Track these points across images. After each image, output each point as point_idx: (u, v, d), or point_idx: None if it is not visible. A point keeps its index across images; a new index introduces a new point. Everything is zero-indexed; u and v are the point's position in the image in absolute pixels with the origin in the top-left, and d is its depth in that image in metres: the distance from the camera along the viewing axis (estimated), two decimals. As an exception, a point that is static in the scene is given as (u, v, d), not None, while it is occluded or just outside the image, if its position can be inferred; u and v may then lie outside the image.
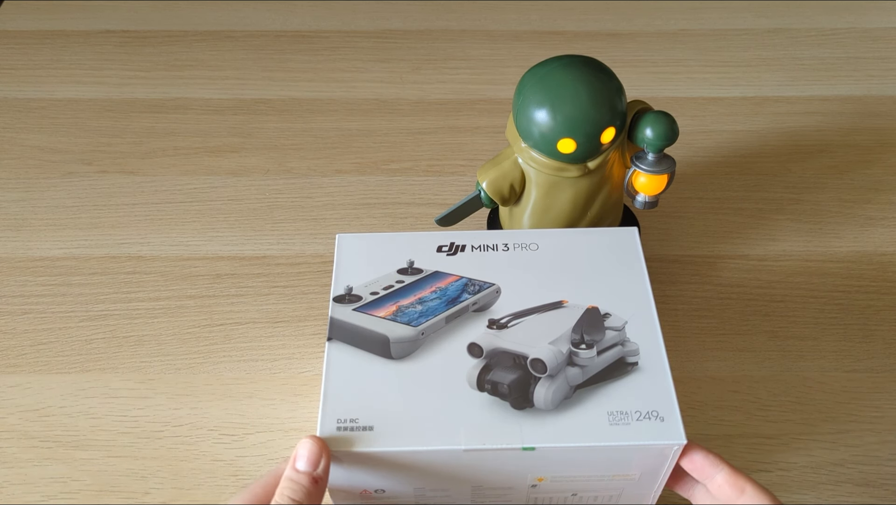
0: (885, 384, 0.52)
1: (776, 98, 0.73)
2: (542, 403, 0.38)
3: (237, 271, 0.59)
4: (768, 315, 0.56)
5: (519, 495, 0.41)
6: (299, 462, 0.36)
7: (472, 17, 0.82)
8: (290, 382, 0.53)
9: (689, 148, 0.68)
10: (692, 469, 0.39)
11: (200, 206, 0.64)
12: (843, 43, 0.78)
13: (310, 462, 0.36)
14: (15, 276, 0.59)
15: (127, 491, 0.48)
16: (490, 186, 0.50)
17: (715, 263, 0.59)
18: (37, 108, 0.72)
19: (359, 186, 0.65)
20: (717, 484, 0.38)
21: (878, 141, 0.68)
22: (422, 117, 0.71)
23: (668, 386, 0.39)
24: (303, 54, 0.77)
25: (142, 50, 0.78)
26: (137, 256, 0.60)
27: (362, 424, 0.38)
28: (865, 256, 0.60)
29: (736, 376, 0.53)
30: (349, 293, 0.43)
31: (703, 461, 0.38)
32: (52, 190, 0.65)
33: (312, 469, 0.36)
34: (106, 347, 0.55)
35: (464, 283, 0.44)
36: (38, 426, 0.51)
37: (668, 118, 0.47)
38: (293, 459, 0.36)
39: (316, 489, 0.36)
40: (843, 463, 0.49)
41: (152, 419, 0.51)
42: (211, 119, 0.71)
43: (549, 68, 0.47)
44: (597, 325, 0.41)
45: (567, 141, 0.46)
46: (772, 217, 0.63)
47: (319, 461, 0.36)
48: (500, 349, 0.40)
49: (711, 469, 0.38)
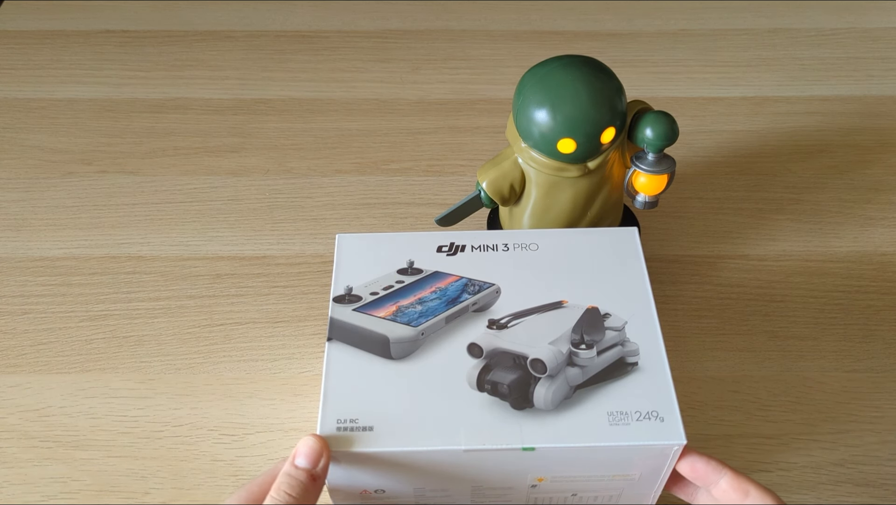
0: (885, 384, 0.52)
1: (776, 98, 0.73)
2: (541, 403, 0.38)
3: (237, 271, 0.59)
4: (768, 315, 0.56)
5: (519, 496, 0.41)
6: (299, 459, 0.36)
7: (472, 17, 0.82)
8: (290, 382, 0.53)
9: (689, 148, 0.68)
10: (694, 476, 0.38)
11: (200, 206, 0.64)
12: (843, 43, 0.78)
13: (309, 459, 0.36)
14: (15, 276, 0.59)
15: (127, 491, 0.48)
16: (490, 186, 0.50)
17: (715, 263, 0.59)
18: (37, 108, 0.72)
19: (359, 186, 0.65)
20: (721, 489, 0.38)
21: (878, 141, 0.68)
22: (422, 117, 0.71)
23: (668, 386, 0.39)
24: (303, 54, 0.77)
25: (142, 50, 0.78)
26: (137, 255, 0.60)
27: (362, 425, 0.38)
28: (865, 256, 0.60)
29: (736, 376, 0.53)
30: (349, 293, 0.43)
31: (705, 467, 0.38)
32: (52, 190, 0.65)
33: (312, 466, 0.36)
34: (106, 347, 0.55)
35: (464, 283, 0.44)
36: (38, 426, 0.51)
37: (668, 118, 0.47)
38: (293, 455, 0.36)
39: (313, 487, 0.36)
40: (843, 463, 0.49)
41: (152, 419, 0.51)
42: (211, 119, 0.71)
43: (549, 68, 0.47)
44: (597, 325, 0.41)
45: (567, 141, 0.46)
46: (772, 217, 0.63)
47: (320, 459, 0.36)
48: (500, 349, 0.40)
49: (714, 475, 0.38)
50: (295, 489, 0.36)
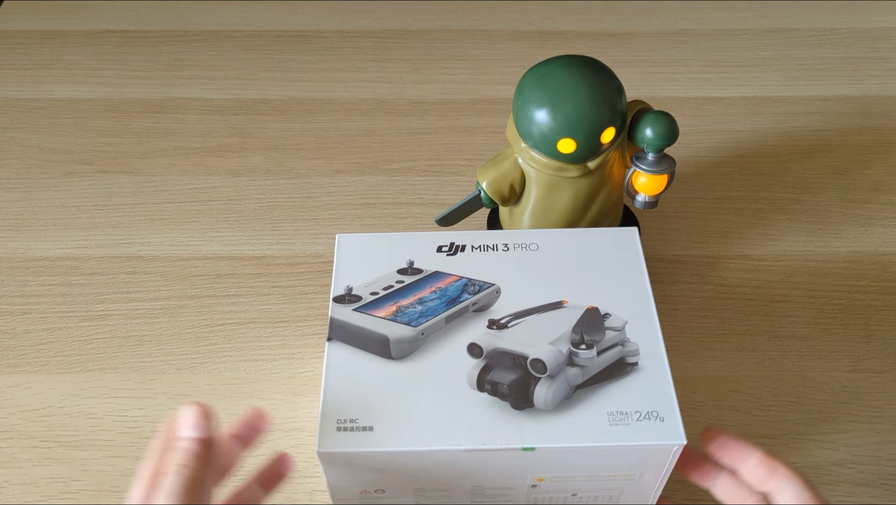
0: (885, 384, 0.52)
1: (776, 98, 0.73)
2: (541, 403, 0.38)
3: (237, 271, 0.59)
4: (768, 315, 0.56)
5: (519, 496, 0.41)
6: (185, 430, 0.35)
7: (472, 17, 0.82)
8: (290, 382, 0.53)
9: (689, 148, 0.68)
10: (725, 455, 0.39)
11: (200, 207, 0.64)
12: (843, 43, 0.78)
13: (196, 427, 0.35)
14: (15, 276, 0.59)
15: (127, 491, 0.48)
16: (490, 186, 0.50)
17: (715, 263, 0.59)
18: (37, 108, 0.72)
19: (359, 186, 0.65)
20: (750, 466, 0.38)
21: (878, 141, 0.68)
22: (422, 117, 0.71)
23: (668, 386, 0.39)
24: (303, 54, 0.77)
25: (142, 50, 0.78)
26: (137, 255, 0.60)
27: (362, 425, 0.38)
28: (865, 256, 0.60)
29: (736, 376, 0.53)
30: (349, 293, 0.43)
31: (736, 445, 0.39)
32: (52, 190, 0.65)
33: (200, 433, 0.35)
34: (106, 347, 0.55)
35: (464, 283, 0.44)
36: (38, 426, 0.51)
37: (668, 118, 0.47)
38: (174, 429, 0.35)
39: (206, 451, 0.35)
40: (843, 463, 0.49)
41: (152, 419, 0.51)
42: (211, 119, 0.71)
43: (549, 68, 0.47)
44: (597, 325, 0.41)
45: (567, 141, 0.46)
46: (772, 217, 0.63)
47: (204, 423, 0.35)
48: (500, 349, 0.40)
49: (745, 452, 0.38)
50: (186, 457, 0.34)
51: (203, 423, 0.35)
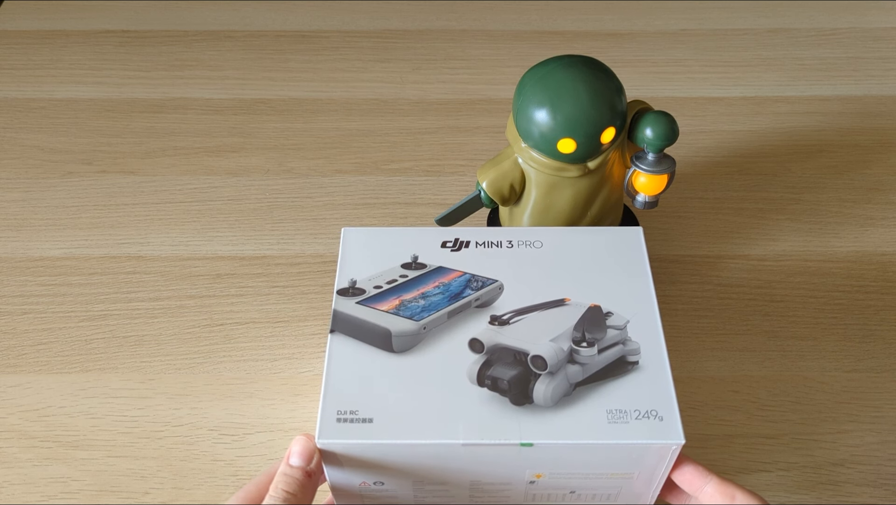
0: (885, 384, 0.52)
1: (776, 98, 0.73)
2: (541, 399, 0.38)
3: (237, 271, 0.59)
4: (768, 315, 0.56)
5: (517, 492, 0.41)
6: (293, 458, 0.37)
7: (472, 17, 0.82)
8: (290, 382, 0.53)
9: (689, 148, 0.68)
10: (682, 482, 0.39)
11: (200, 207, 0.64)
12: (843, 43, 0.78)
13: (302, 457, 0.37)
14: (15, 276, 0.59)
15: (127, 491, 0.48)
16: (490, 186, 0.50)
17: (715, 263, 0.59)
18: (37, 108, 0.72)
19: (359, 186, 0.65)
20: (707, 494, 0.38)
21: (878, 141, 0.68)
22: (422, 117, 0.71)
23: (668, 386, 0.39)
24: (303, 54, 0.77)
25: (142, 50, 0.78)
26: (137, 256, 0.60)
27: (362, 416, 0.38)
28: (865, 256, 0.60)
29: (736, 376, 0.53)
30: (353, 286, 0.43)
31: (693, 473, 0.39)
32: (52, 190, 0.65)
33: (306, 464, 0.37)
34: (106, 347, 0.55)
35: (467, 279, 0.44)
36: (38, 426, 0.51)
37: (668, 118, 0.47)
38: (287, 455, 0.38)
39: (310, 484, 0.37)
40: (843, 463, 0.49)
41: (152, 419, 0.51)
42: (211, 119, 0.71)
43: (549, 68, 0.47)
44: (598, 323, 0.41)
45: (567, 141, 0.46)
46: (772, 217, 0.63)
47: (312, 457, 0.37)
48: (501, 345, 0.40)
49: (700, 480, 0.38)
50: (292, 487, 0.37)
51: (308, 456, 0.38)
